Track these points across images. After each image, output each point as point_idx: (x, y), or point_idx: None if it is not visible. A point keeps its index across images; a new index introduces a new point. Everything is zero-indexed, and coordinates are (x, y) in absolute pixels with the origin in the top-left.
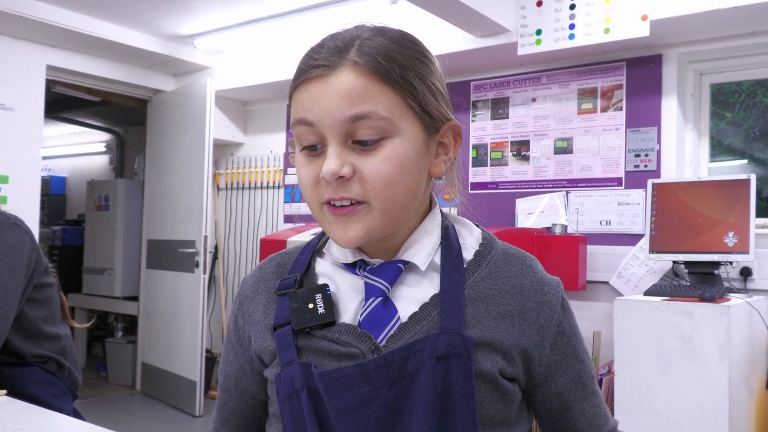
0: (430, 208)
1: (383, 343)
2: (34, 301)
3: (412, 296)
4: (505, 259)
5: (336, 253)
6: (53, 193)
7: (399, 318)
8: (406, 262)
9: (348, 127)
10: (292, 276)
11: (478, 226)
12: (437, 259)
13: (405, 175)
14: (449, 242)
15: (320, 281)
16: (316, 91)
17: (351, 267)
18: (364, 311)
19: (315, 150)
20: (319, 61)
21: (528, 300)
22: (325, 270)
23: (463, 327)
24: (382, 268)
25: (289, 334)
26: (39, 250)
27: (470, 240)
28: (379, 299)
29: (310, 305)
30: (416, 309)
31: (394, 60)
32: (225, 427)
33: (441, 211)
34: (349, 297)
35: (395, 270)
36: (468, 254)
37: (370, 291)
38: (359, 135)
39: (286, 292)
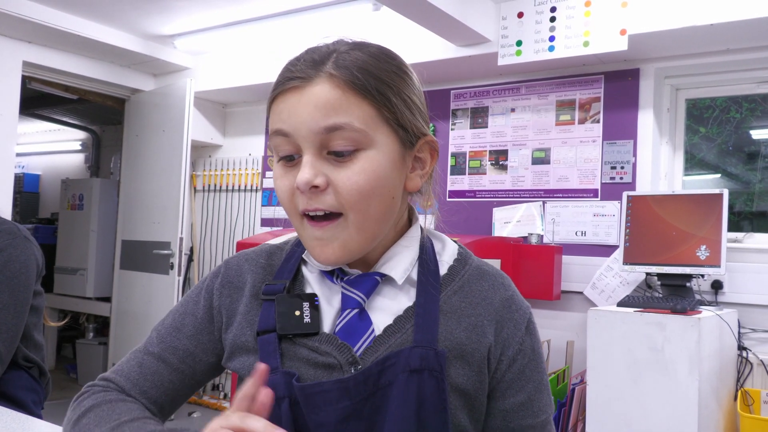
0: (409, 222)
1: (359, 354)
2: (31, 308)
3: (387, 308)
4: (479, 276)
5: (315, 260)
6: (26, 190)
7: (374, 330)
8: (383, 275)
9: (322, 138)
10: (280, 282)
11: (456, 242)
12: (414, 274)
13: (379, 187)
14: (426, 258)
15: (306, 289)
16: (292, 102)
17: (328, 275)
18: (340, 322)
19: (292, 160)
20: (296, 73)
21: (495, 313)
22: (309, 278)
23: (436, 341)
24: (359, 279)
25: (274, 341)
26: (44, 260)
27: (445, 255)
28: (355, 311)
29: (297, 312)
30: (391, 321)
31: (370, 73)
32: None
33: (420, 227)
34: (326, 306)
35: (372, 282)
36: (443, 269)
37: (346, 302)
38: (333, 146)
39: (272, 298)
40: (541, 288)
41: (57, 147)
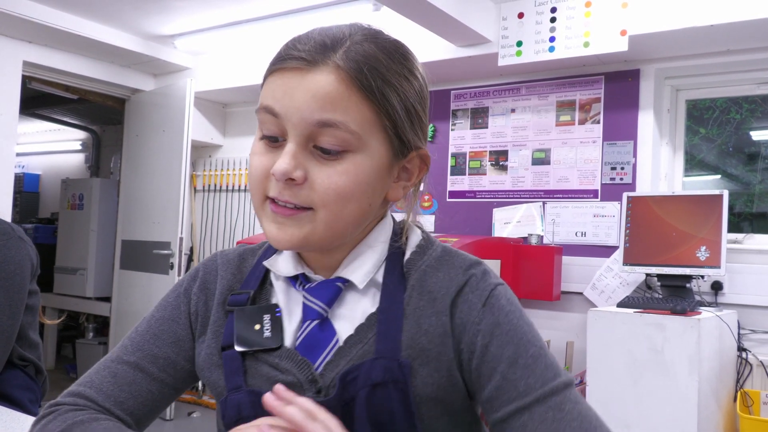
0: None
1: (320, 370)
2: (26, 307)
3: (350, 316)
4: (436, 266)
5: (279, 266)
6: (26, 190)
7: (337, 341)
8: (345, 280)
9: (312, 130)
10: (245, 292)
11: (423, 231)
12: (379, 277)
13: (359, 193)
14: (394, 257)
15: (272, 299)
16: (291, 83)
17: (293, 281)
18: (300, 335)
19: (275, 141)
20: (302, 53)
21: (451, 305)
22: (276, 286)
23: (400, 350)
24: (321, 287)
25: (238, 358)
26: (38, 260)
27: (409, 249)
28: (315, 322)
29: (257, 326)
30: (353, 331)
31: (379, 73)
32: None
33: (395, 226)
34: (288, 317)
35: (334, 290)
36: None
37: (307, 313)
38: (321, 142)
39: (234, 309)
40: (541, 289)
41: (57, 147)
